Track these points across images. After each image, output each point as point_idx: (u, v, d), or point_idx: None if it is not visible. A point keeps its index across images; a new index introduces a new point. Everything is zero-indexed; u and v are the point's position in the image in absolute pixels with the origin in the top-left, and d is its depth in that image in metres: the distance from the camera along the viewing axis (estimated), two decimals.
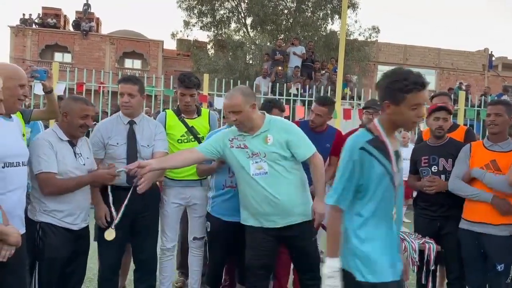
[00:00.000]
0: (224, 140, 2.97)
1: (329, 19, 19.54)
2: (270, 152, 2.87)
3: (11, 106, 2.41)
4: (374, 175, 2.05)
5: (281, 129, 2.93)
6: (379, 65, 27.10)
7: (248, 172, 2.87)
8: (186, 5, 18.74)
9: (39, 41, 24.48)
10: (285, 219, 2.92)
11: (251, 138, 2.92)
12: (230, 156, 2.96)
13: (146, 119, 3.37)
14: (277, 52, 13.24)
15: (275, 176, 2.87)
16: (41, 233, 2.78)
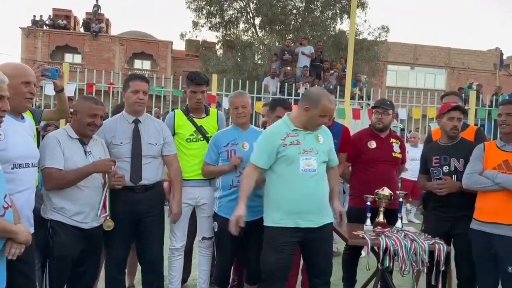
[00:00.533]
0: (276, 141, 2.95)
1: (338, 18, 19.45)
2: (321, 150, 3.01)
3: (18, 105, 2.40)
4: None
5: (327, 134, 3.14)
6: (389, 64, 26.92)
7: (297, 168, 2.91)
8: (195, 6, 18.77)
9: (49, 42, 24.70)
10: (320, 218, 2.97)
11: (305, 134, 3.00)
12: (282, 155, 2.94)
13: (149, 117, 3.39)
14: (286, 52, 13.20)
15: (320, 174, 2.99)
16: (51, 231, 2.81)
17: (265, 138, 3.03)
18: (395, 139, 3.95)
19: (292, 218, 2.93)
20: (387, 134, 3.93)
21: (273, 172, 3.00)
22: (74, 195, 2.81)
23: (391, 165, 3.87)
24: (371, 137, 3.89)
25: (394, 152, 3.87)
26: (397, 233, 3.31)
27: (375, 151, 3.83)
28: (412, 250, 3.09)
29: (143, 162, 3.20)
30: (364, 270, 4.03)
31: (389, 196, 3.57)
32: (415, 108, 10.85)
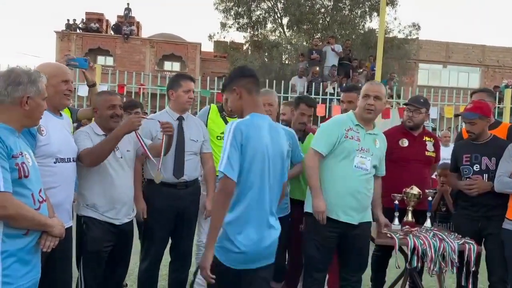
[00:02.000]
0: (341, 130, 2.99)
1: (367, 16, 19.19)
2: (376, 153, 3.04)
3: (58, 103, 2.54)
4: None
5: (383, 140, 3.18)
6: (420, 63, 26.32)
7: (351, 163, 2.93)
8: (223, 7, 18.93)
9: (82, 45, 25.37)
10: (360, 214, 2.98)
11: (366, 133, 3.03)
12: (341, 146, 2.97)
13: (190, 116, 3.48)
14: (313, 52, 13.13)
15: (370, 176, 3.02)
16: (84, 227, 2.89)
17: (331, 125, 3.06)
18: (428, 137, 3.84)
19: (335, 210, 2.94)
20: (420, 132, 3.82)
21: (326, 163, 2.98)
22: (106, 191, 2.87)
23: (424, 164, 3.76)
24: (403, 135, 3.79)
25: (427, 151, 3.77)
26: (426, 232, 3.25)
27: (407, 149, 3.72)
28: (441, 250, 3.03)
29: (185, 159, 3.27)
30: (392, 270, 3.99)
31: (417, 195, 3.50)
32: (447, 107, 10.59)
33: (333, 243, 3.00)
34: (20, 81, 1.98)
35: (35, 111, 2.04)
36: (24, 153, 1.99)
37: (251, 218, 2.21)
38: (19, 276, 1.91)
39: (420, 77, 26.68)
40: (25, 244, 1.96)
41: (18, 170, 1.91)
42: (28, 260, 1.97)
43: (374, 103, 2.99)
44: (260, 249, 2.24)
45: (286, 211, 3.43)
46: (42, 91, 2.05)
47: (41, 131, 2.36)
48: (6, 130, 1.95)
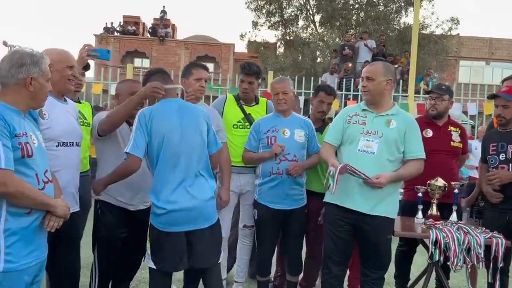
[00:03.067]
0: (345, 117, 2.97)
1: (403, 11, 18.65)
2: (389, 134, 2.84)
3: (62, 87, 2.55)
4: None
5: (406, 120, 2.93)
6: (461, 60, 25.35)
7: (355, 147, 2.84)
8: (254, 6, 18.92)
9: (120, 48, 26.05)
10: (368, 203, 2.80)
11: (375, 117, 2.91)
12: (345, 132, 2.94)
13: (203, 104, 3.43)
14: (346, 47, 12.87)
15: (379, 159, 2.81)
16: (99, 212, 2.91)
17: (338, 115, 3.07)
18: (454, 127, 3.64)
19: (340, 197, 2.83)
20: (445, 121, 3.63)
21: (338, 151, 2.99)
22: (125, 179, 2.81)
23: (449, 155, 3.56)
24: (427, 125, 3.61)
25: (453, 141, 3.57)
26: (450, 226, 3.05)
27: (431, 140, 3.53)
28: (465, 243, 2.83)
29: None
30: (416, 266, 3.79)
31: (443, 187, 3.31)
32: (486, 103, 10.11)
33: (346, 233, 2.88)
34: (23, 62, 1.99)
35: (40, 92, 2.05)
36: (29, 133, 2.00)
37: (165, 183, 2.50)
38: (22, 255, 1.92)
39: (461, 75, 25.70)
40: (29, 223, 1.96)
41: (21, 149, 1.92)
42: (32, 239, 1.97)
43: (367, 83, 2.89)
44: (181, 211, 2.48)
45: (302, 202, 3.32)
46: (45, 72, 2.05)
47: (42, 115, 2.37)
48: (11, 111, 1.96)
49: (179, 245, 2.49)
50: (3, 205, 1.89)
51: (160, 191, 2.50)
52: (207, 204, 2.57)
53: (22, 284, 1.92)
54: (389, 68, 2.99)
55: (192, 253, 2.52)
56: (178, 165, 2.51)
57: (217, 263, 2.66)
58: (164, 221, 2.49)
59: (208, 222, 2.56)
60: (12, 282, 1.88)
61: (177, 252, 2.50)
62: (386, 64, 3.07)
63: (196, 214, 2.51)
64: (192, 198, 2.50)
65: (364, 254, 2.95)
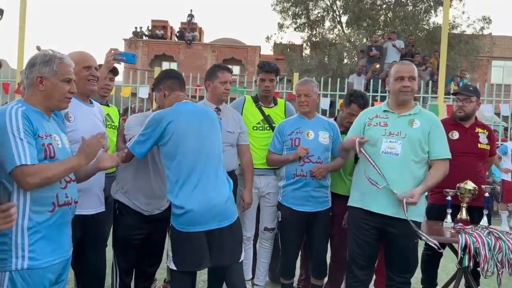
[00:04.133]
0: (364, 120, 2.95)
1: (432, 11, 18.26)
2: (412, 134, 2.80)
3: (83, 89, 2.56)
4: None
5: (430, 119, 2.87)
6: (494, 60, 24.60)
7: (378, 149, 2.80)
8: (280, 8, 18.92)
9: (148, 51, 26.54)
10: (393, 206, 2.74)
11: (397, 117, 2.87)
12: (366, 134, 2.89)
13: (227, 107, 3.47)
14: (373, 48, 12.68)
15: (404, 160, 2.76)
16: (117, 212, 2.94)
17: (357, 118, 3.04)
18: (481, 129, 3.54)
19: (366, 200, 2.80)
20: (472, 123, 3.54)
21: (364, 152, 2.91)
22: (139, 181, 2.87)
23: (477, 157, 3.46)
24: (453, 127, 3.52)
25: (480, 143, 3.47)
26: (481, 230, 2.95)
27: (457, 142, 3.44)
28: (496, 249, 2.73)
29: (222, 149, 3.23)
30: (444, 271, 3.69)
31: (473, 191, 3.20)
32: None
33: (371, 237, 2.82)
34: (34, 62, 2.02)
35: (53, 92, 2.03)
36: (54, 135, 2.03)
37: (183, 184, 2.53)
38: (45, 252, 1.94)
39: (493, 75, 24.93)
40: (52, 222, 1.98)
41: (44, 150, 1.95)
42: (55, 238, 1.99)
43: (410, 84, 2.83)
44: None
45: (327, 204, 3.28)
46: (59, 72, 2.04)
47: (68, 118, 2.41)
48: (35, 113, 2.00)
49: (200, 244, 2.50)
50: (27, 203, 1.91)
51: (179, 191, 2.52)
52: (226, 203, 2.59)
53: (46, 281, 1.94)
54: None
55: (213, 252, 2.53)
56: (197, 165, 2.53)
57: (238, 261, 2.66)
58: (183, 222, 2.51)
59: (227, 221, 2.57)
60: (36, 279, 1.90)
61: (198, 251, 2.51)
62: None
63: (215, 213, 2.52)
64: (210, 197, 2.52)
65: (390, 258, 2.89)
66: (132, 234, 2.90)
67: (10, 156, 1.85)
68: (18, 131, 1.88)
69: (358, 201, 2.87)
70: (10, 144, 1.86)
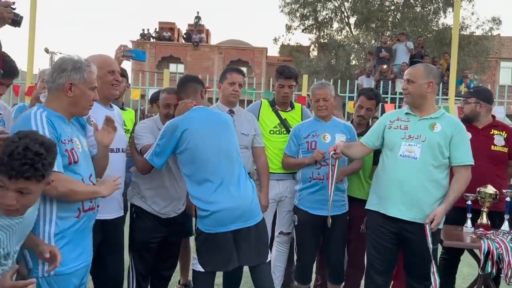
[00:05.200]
0: (386, 122, 2.92)
1: (441, 12, 18.15)
2: (432, 138, 2.75)
3: (106, 93, 2.57)
4: None
5: (452, 124, 2.81)
6: (502, 61, 24.38)
7: (396, 152, 2.77)
8: (288, 9, 18.92)
9: (156, 53, 26.57)
10: (411, 211, 2.71)
11: (418, 120, 2.82)
12: (385, 137, 2.89)
13: (241, 109, 3.44)
14: (382, 49, 12.61)
15: (423, 164, 2.71)
16: (134, 216, 2.95)
17: (380, 119, 3.04)
18: (497, 130, 3.42)
19: (383, 204, 2.78)
20: (487, 124, 3.43)
21: (381, 156, 2.95)
22: (156, 185, 2.89)
23: (491, 160, 3.34)
24: (466, 128, 3.46)
25: (494, 145, 3.36)
26: (503, 236, 2.89)
27: None
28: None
29: None
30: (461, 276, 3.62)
31: (494, 195, 3.13)
32: None
33: (389, 242, 2.78)
34: (64, 67, 2.01)
35: (81, 99, 2.04)
36: (74, 139, 2.03)
37: (207, 186, 2.58)
38: (71, 258, 1.95)
39: (502, 76, 24.73)
40: (77, 227, 1.99)
41: (68, 156, 1.95)
42: (79, 243, 2.01)
43: (407, 86, 2.83)
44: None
45: (344, 208, 3.24)
46: (88, 80, 2.05)
47: (90, 121, 2.40)
48: (57, 117, 2.00)
49: (227, 244, 2.53)
50: (54, 209, 1.92)
51: (203, 194, 2.57)
52: (251, 202, 2.62)
53: (71, 286, 1.95)
54: (431, 70, 2.89)
55: (240, 252, 2.55)
56: (218, 167, 2.59)
57: (265, 261, 2.68)
58: (209, 223, 2.54)
59: (253, 220, 2.60)
60: (62, 285, 1.91)
61: (225, 251, 2.54)
62: (429, 67, 2.98)
63: (240, 212, 2.55)
64: (234, 197, 2.56)
65: (409, 264, 2.84)
66: (150, 238, 2.90)
67: None
68: None
69: (376, 204, 2.84)
70: None
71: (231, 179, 2.60)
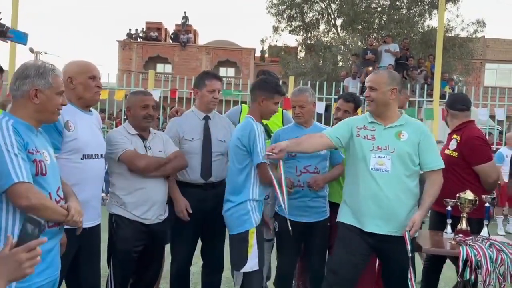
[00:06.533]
0: (353, 128, 2.80)
1: (427, 14, 18.33)
2: (401, 148, 2.67)
3: (88, 99, 2.52)
4: None
5: (417, 129, 2.75)
6: (487, 63, 24.72)
7: (367, 165, 2.68)
8: (275, 10, 18.93)
9: (143, 53, 26.36)
10: (389, 225, 2.66)
11: (383, 129, 2.74)
12: (353, 146, 2.78)
13: (218, 115, 3.39)
14: (368, 51, 12.68)
15: (395, 177, 2.66)
16: (114, 226, 2.89)
17: (345, 120, 2.93)
18: (456, 134, 3.37)
19: (358, 218, 2.72)
20: (453, 129, 3.43)
21: (347, 166, 2.87)
22: (136, 189, 2.85)
23: (445, 164, 3.19)
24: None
25: (447, 149, 3.36)
26: (482, 242, 2.90)
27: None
28: (498, 261, 2.68)
29: (212, 159, 3.18)
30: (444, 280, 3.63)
31: (473, 201, 3.14)
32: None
33: (359, 252, 2.72)
34: (27, 74, 1.94)
35: (47, 105, 1.97)
36: (42, 151, 1.96)
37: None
38: (35, 272, 1.86)
39: (487, 78, 25.07)
40: None
41: (35, 166, 1.89)
42: (44, 258, 1.90)
43: (370, 93, 2.74)
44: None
45: (324, 214, 3.22)
46: (54, 85, 1.97)
47: (68, 127, 2.35)
48: (23, 126, 1.93)
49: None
50: (16, 223, 1.85)
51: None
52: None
53: None
54: (394, 77, 2.80)
55: None
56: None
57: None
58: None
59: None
60: None
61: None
62: (392, 73, 2.89)
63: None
64: None
65: (388, 274, 2.83)
66: (131, 246, 2.85)
67: (6, 172, 1.78)
68: (12, 146, 1.81)
69: (352, 218, 2.75)
70: (5, 160, 1.79)
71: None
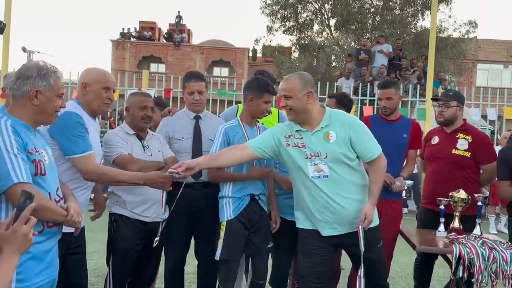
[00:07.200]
0: (280, 137, 2.67)
1: (420, 15, 18.47)
2: (333, 151, 2.57)
3: (96, 108, 2.53)
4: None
5: (344, 124, 2.61)
6: (479, 63, 24.92)
7: (306, 174, 2.60)
8: (269, 11, 18.97)
9: (136, 53, 26.28)
10: (345, 226, 2.63)
11: (311, 135, 2.61)
12: (285, 156, 2.67)
13: (209, 114, 3.39)
14: (362, 52, 12.75)
15: (337, 179, 2.58)
16: (114, 225, 2.91)
17: (269, 130, 2.84)
18: (464, 134, 3.42)
19: (314, 224, 2.69)
20: (455, 128, 3.44)
21: (291, 176, 2.76)
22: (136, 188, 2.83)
23: (450, 163, 3.34)
24: (438, 132, 3.53)
25: (456, 149, 3.37)
26: (474, 240, 2.94)
27: (433, 147, 3.46)
28: (490, 259, 2.72)
29: None
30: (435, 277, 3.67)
31: (466, 199, 3.19)
32: (506, 107, 9.91)
33: (321, 255, 2.69)
34: (29, 74, 1.93)
35: (46, 107, 1.97)
36: (40, 150, 1.96)
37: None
38: (33, 273, 1.87)
39: (478, 78, 25.28)
40: (40, 241, 1.91)
41: (35, 166, 1.89)
42: (43, 258, 1.93)
43: (286, 102, 2.59)
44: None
45: None
46: (55, 87, 1.98)
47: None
48: (21, 126, 1.93)
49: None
50: None
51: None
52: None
53: None
54: (307, 80, 2.63)
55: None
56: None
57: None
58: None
59: None
60: None
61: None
62: (303, 76, 2.67)
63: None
64: None
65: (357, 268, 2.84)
66: (132, 245, 2.87)
67: (5, 173, 1.78)
68: (11, 146, 1.81)
69: (305, 222, 2.73)
70: (4, 160, 1.79)
71: None
